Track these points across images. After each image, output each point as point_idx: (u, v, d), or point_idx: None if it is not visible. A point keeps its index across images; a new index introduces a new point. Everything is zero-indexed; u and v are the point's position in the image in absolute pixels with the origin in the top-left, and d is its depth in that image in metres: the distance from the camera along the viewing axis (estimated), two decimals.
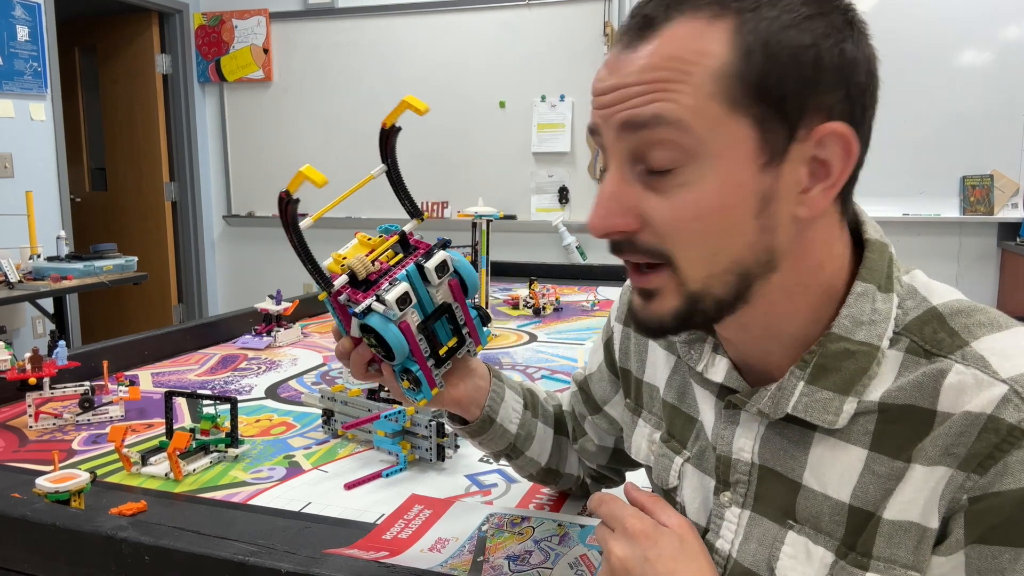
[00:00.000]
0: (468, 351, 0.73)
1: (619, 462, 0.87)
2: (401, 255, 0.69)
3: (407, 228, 0.70)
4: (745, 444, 0.62)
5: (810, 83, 0.51)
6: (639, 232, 0.55)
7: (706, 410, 0.68)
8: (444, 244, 0.68)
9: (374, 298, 0.65)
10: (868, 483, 0.55)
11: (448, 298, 0.68)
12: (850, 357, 0.56)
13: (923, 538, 0.53)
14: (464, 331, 0.71)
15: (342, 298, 0.68)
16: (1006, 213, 3.77)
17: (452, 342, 0.70)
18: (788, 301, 0.57)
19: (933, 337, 0.55)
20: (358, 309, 0.66)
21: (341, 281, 0.67)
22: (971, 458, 0.50)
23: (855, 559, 0.55)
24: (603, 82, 0.55)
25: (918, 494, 0.53)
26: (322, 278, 0.67)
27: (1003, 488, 0.49)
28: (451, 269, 0.67)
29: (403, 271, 0.67)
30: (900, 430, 0.54)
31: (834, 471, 0.57)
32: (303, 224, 0.66)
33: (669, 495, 0.73)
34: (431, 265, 0.66)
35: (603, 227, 0.56)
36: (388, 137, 0.70)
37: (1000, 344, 0.53)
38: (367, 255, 0.69)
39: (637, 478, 0.96)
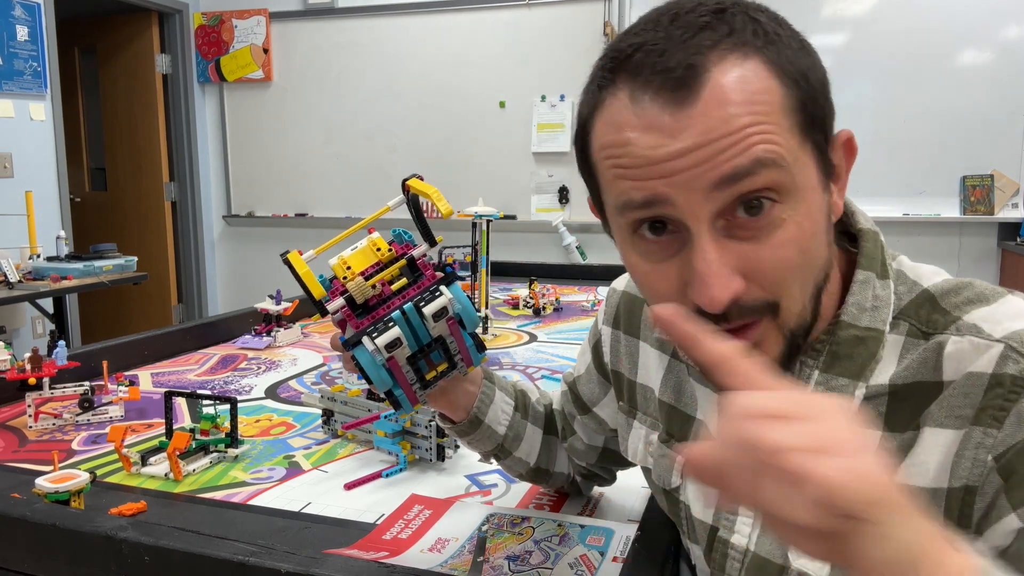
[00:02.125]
0: (459, 372, 0.71)
1: (609, 461, 0.88)
2: (405, 280, 0.67)
3: (417, 253, 0.68)
4: None
5: (827, 99, 0.54)
6: (744, 291, 0.51)
7: (706, 407, 0.68)
8: (450, 279, 0.66)
9: (364, 332, 0.64)
10: None
11: (445, 332, 0.67)
12: (860, 343, 0.58)
13: (933, 501, 0.53)
14: (456, 357, 0.69)
15: (336, 316, 0.67)
16: (1006, 213, 3.77)
17: (442, 367, 0.69)
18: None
19: (928, 318, 0.58)
20: (347, 339, 0.65)
21: (337, 305, 0.67)
22: (982, 413, 0.52)
23: None
24: (667, 145, 0.49)
25: (929, 457, 0.54)
26: (318, 305, 0.67)
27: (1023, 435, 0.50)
28: (449, 315, 0.65)
29: (398, 310, 0.64)
30: (908, 406, 0.56)
31: None
32: (307, 255, 0.68)
33: (671, 496, 0.72)
34: (429, 312, 0.64)
35: (728, 296, 0.50)
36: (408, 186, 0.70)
37: (989, 313, 0.56)
38: (370, 270, 0.67)
39: (632, 479, 0.96)
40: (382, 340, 0.63)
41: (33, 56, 3.86)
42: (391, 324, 0.64)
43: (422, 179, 0.70)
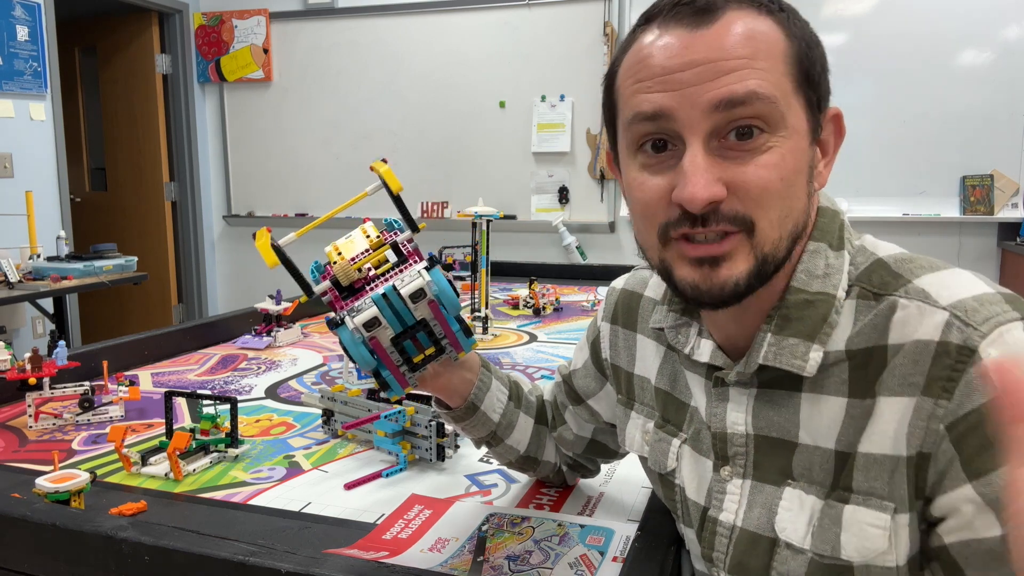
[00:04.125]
0: (450, 357, 0.74)
1: (594, 452, 0.92)
2: (390, 264, 0.70)
3: (400, 239, 0.71)
4: (738, 417, 0.66)
5: (825, 74, 0.61)
6: (724, 201, 0.57)
7: (698, 393, 0.72)
8: (431, 263, 0.69)
9: (346, 313, 0.68)
10: (848, 427, 0.60)
11: (427, 315, 0.69)
12: (809, 306, 0.62)
13: (896, 468, 0.56)
14: (444, 342, 0.72)
15: (325, 298, 0.71)
16: (1006, 213, 3.77)
17: (429, 351, 0.71)
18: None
19: (881, 281, 0.61)
20: (329, 319, 0.68)
21: (323, 287, 0.70)
22: (932, 383, 0.55)
23: (839, 495, 0.60)
24: (679, 56, 0.57)
25: (887, 426, 0.57)
26: (304, 285, 0.70)
27: (973, 406, 0.53)
28: (428, 296, 0.68)
29: (378, 291, 0.67)
30: (866, 373, 0.59)
31: (822, 423, 0.61)
32: (287, 239, 0.72)
33: (666, 480, 0.76)
34: (406, 293, 0.67)
35: (708, 195, 0.56)
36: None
37: (939, 280, 0.59)
38: (359, 255, 0.71)
39: (631, 479, 0.96)
40: (360, 319, 0.67)
41: (33, 56, 3.86)
42: (369, 304, 0.67)
43: (386, 161, 0.73)
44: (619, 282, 0.86)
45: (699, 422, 0.71)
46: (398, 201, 0.74)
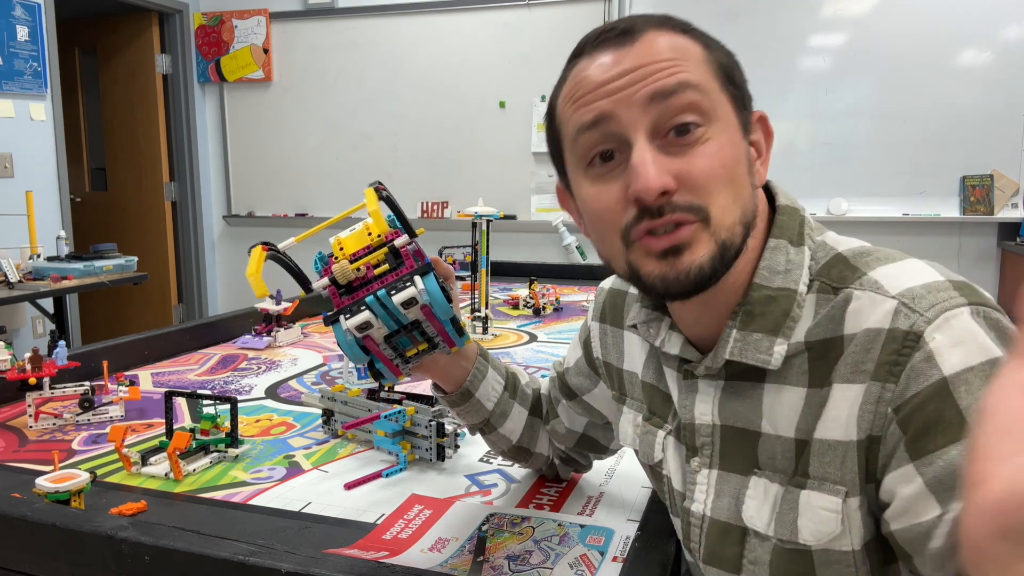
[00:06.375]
0: (443, 352, 0.77)
1: (585, 447, 0.95)
2: (386, 266, 0.72)
3: (399, 242, 0.73)
4: (705, 409, 0.69)
5: (745, 81, 0.66)
6: (675, 192, 0.60)
7: (672, 386, 0.74)
8: (425, 270, 0.71)
9: (341, 312, 0.70)
10: (806, 415, 0.62)
11: (420, 317, 0.72)
12: (772, 302, 0.64)
13: (847, 454, 0.59)
14: (436, 339, 0.74)
15: (324, 293, 0.73)
16: (1006, 213, 3.77)
17: (422, 347, 0.74)
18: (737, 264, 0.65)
19: (839, 275, 0.63)
20: (327, 316, 0.71)
21: (322, 284, 0.72)
22: (881, 367, 0.57)
23: (797, 480, 0.63)
24: (611, 70, 0.62)
25: (839, 412, 0.59)
26: (303, 282, 0.73)
27: (918, 388, 0.55)
28: (419, 304, 0.70)
29: (373, 295, 0.69)
30: (824, 362, 0.61)
31: (783, 413, 0.63)
32: (287, 243, 0.76)
33: (656, 471, 0.78)
34: (398, 301, 0.69)
35: (660, 184, 0.59)
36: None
37: (892, 271, 0.61)
38: (360, 252, 0.73)
39: (631, 479, 0.96)
40: (352, 322, 0.69)
41: (33, 56, 3.86)
42: (363, 308, 0.69)
43: (379, 190, 0.75)
44: (607, 282, 0.88)
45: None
46: (395, 209, 0.76)
